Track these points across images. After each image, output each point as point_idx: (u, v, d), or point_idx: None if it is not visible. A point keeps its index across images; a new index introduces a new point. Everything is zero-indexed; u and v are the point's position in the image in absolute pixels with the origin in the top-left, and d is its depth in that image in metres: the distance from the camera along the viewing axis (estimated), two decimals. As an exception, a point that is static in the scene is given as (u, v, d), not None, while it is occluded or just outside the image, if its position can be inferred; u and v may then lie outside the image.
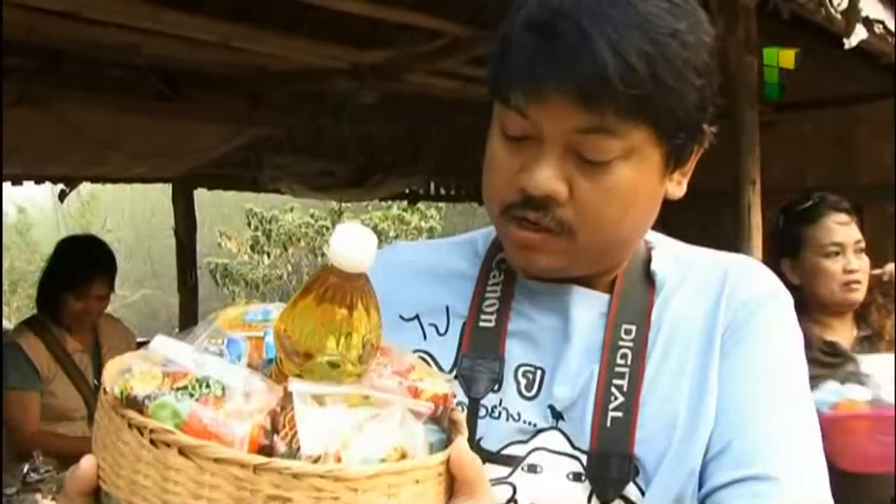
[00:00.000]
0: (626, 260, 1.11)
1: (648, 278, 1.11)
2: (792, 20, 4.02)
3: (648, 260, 1.13)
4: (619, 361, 1.05)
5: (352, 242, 0.79)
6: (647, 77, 0.93)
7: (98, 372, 3.81)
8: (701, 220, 7.17)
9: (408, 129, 7.11)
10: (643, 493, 1.00)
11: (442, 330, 1.12)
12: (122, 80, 4.99)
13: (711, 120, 1.06)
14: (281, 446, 0.74)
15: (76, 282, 3.80)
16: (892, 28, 3.69)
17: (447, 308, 1.13)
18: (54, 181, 6.73)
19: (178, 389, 0.75)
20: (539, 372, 1.07)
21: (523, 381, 1.07)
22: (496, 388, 1.06)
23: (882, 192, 6.85)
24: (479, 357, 1.08)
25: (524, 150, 1.00)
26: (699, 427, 1.01)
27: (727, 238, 3.94)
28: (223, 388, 0.75)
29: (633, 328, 1.07)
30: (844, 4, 3.19)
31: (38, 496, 2.90)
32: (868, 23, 3.37)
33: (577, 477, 1.02)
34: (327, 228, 14.88)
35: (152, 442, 0.73)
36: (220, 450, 0.72)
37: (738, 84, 3.82)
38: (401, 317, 1.13)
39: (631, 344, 1.06)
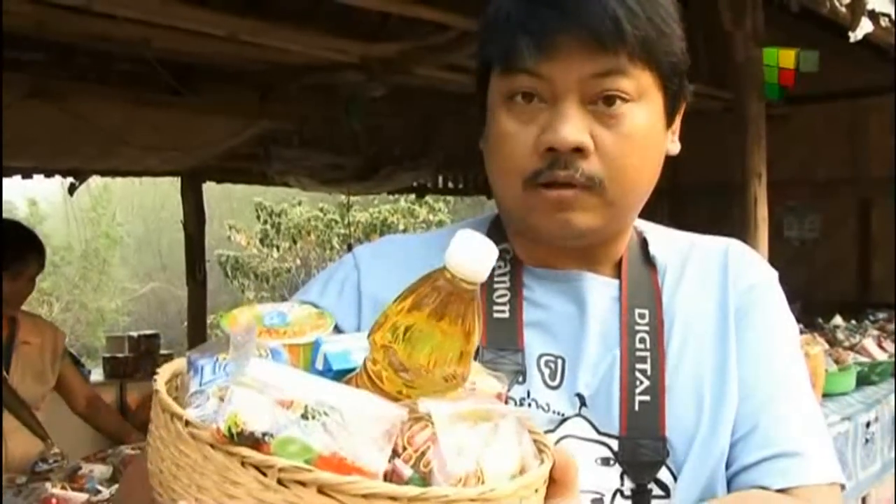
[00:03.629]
0: (628, 237, 1.14)
1: (649, 263, 1.14)
2: (800, 13, 4.02)
3: (644, 244, 1.16)
4: (639, 346, 1.07)
5: (472, 251, 0.76)
6: (645, 20, 0.99)
7: (8, 363, 3.76)
8: (708, 213, 7.17)
9: (416, 122, 7.12)
10: (674, 476, 1.03)
11: None
12: (133, 73, 5.02)
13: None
14: (405, 470, 0.69)
15: (8, 264, 3.72)
16: (898, 21, 3.68)
17: None
18: (64, 174, 6.76)
19: (301, 419, 0.67)
20: (560, 361, 1.08)
21: (546, 371, 1.08)
22: (521, 379, 1.07)
23: (891, 186, 6.84)
24: (499, 349, 1.08)
25: (538, 115, 1.01)
26: (725, 410, 1.04)
27: (734, 231, 3.95)
28: (340, 414, 0.68)
29: (647, 312, 1.10)
30: (849, -3, 3.19)
31: (48, 485, 2.92)
32: (874, 16, 3.36)
33: (605, 461, 1.04)
34: (336, 222, 14.89)
35: (280, 482, 0.65)
36: (369, 484, 0.65)
37: (744, 77, 3.81)
38: None
39: (647, 328, 1.09)
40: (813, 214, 7.24)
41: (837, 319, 5.48)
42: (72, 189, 6.87)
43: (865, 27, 3.33)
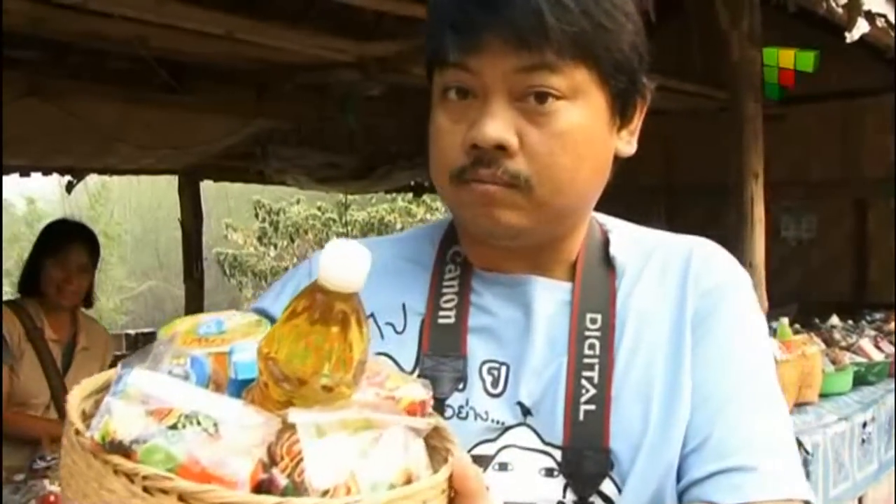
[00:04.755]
0: (583, 236, 1.10)
1: (608, 263, 1.09)
2: (797, 13, 4.02)
3: (606, 244, 1.11)
4: (588, 352, 1.03)
5: (344, 260, 0.75)
6: (579, 14, 0.95)
7: (68, 365, 3.80)
8: (705, 213, 7.18)
9: (412, 121, 7.09)
10: (619, 488, 0.98)
11: (399, 328, 1.08)
12: (129, 71, 5.01)
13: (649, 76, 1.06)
14: (281, 479, 0.70)
15: (56, 248, 3.80)
16: (894, 22, 3.67)
17: (403, 305, 1.09)
18: (62, 172, 6.76)
19: (168, 429, 0.68)
20: (504, 368, 1.05)
21: (489, 379, 1.04)
22: (461, 387, 1.03)
23: (887, 186, 6.85)
24: (441, 356, 1.05)
25: (469, 111, 0.99)
26: (675, 419, 0.99)
27: (731, 231, 3.95)
28: (214, 424, 0.69)
29: (599, 317, 1.05)
30: (846, -3, 3.19)
31: (46, 482, 2.92)
32: (870, 16, 3.36)
33: (549, 472, 1.00)
34: (334, 221, 14.89)
35: (146, 489, 0.67)
36: (226, 493, 0.67)
37: (741, 77, 3.81)
38: None
39: (598, 334, 1.04)
40: (809, 214, 7.24)
41: (834, 319, 5.48)
42: (69, 187, 6.88)
43: (862, 27, 3.33)
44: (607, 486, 0.98)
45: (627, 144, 1.07)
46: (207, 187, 7.66)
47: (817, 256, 7.24)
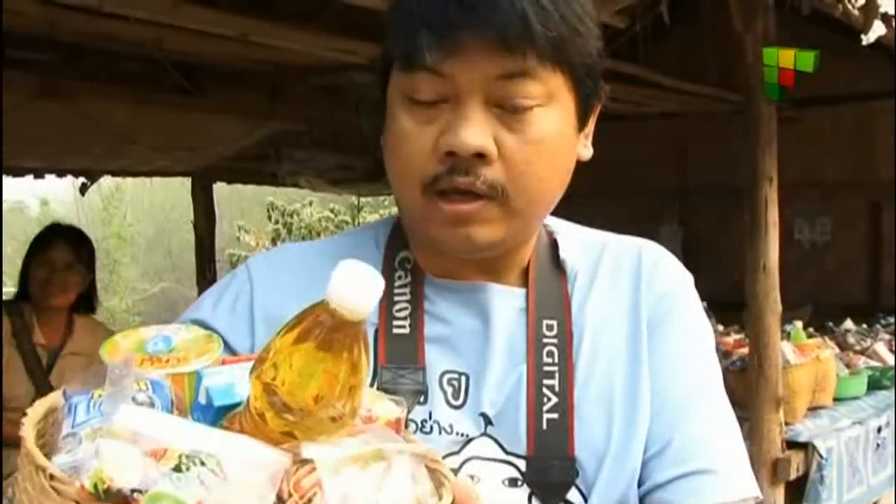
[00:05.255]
0: (534, 244, 1.08)
1: (558, 267, 1.08)
2: (810, 15, 4.00)
3: (553, 246, 1.10)
4: (547, 360, 1.02)
5: (358, 284, 0.71)
6: (558, 18, 0.93)
7: (49, 370, 3.76)
8: (718, 215, 7.17)
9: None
10: (584, 497, 0.98)
11: None
12: (142, 73, 5.03)
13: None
14: None
15: (39, 248, 3.80)
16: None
17: None
18: (75, 174, 6.79)
19: (172, 471, 0.62)
20: (463, 378, 1.02)
21: (449, 390, 1.02)
22: (422, 399, 1.00)
23: (901, 188, 6.80)
24: (399, 368, 1.01)
25: (439, 116, 0.94)
26: (637, 427, 1.00)
27: (745, 234, 3.93)
28: (218, 463, 0.64)
29: (555, 323, 1.04)
30: (862, 0, 3.17)
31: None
32: (886, 18, 3.35)
33: (513, 482, 0.99)
34: (347, 223, 14.91)
35: None
36: None
37: (755, 79, 3.79)
38: None
39: (556, 340, 1.03)
40: (823, 217, 7.21)
41: (848, 323, 5.46)
42: (83, 189, 6.91)
43: (878, 30, 3.31)
44: (573, 495, 0.98)
45: (585, 148, 1.05)
46: (220, 189, 7.67)
47: (831, 259, 7.21)
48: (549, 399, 1.00)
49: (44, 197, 17.40)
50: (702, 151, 7.17)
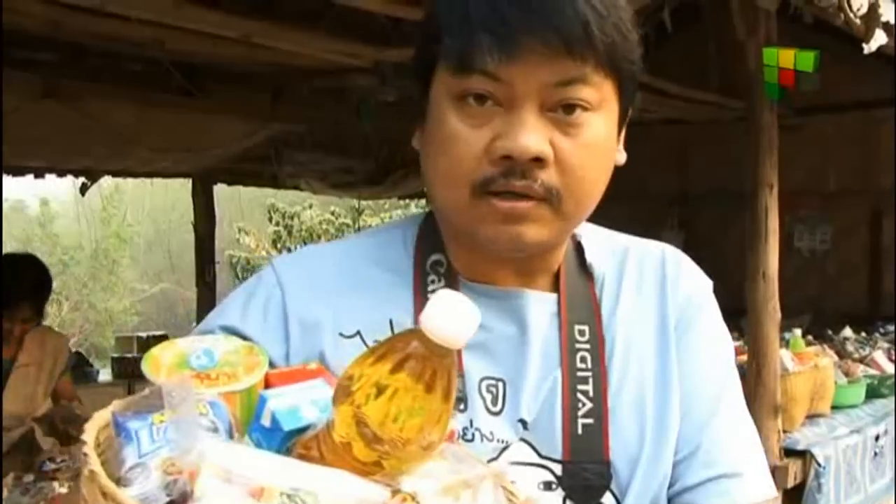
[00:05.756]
0: (566, 246, 1.08)
1: (585, 271, 1.09)
2: (814, 23, 4.01)
3: (579, 250, 1.10)
4: (580, 365, 1.03)
5: (454, 314, 0.71)
6: (612, 25, 0.93)
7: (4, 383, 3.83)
8: (718, 221, 7.17)
9: (427, 127, 7.11)
10: (617, 499, 1.00)
11: None
12: (145, 74, 5.03)
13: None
14: None
15: (2, 302, 3.84)
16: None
17: (391, 322, 1.02)
18: (76, 174, 6.79)
19: None
20: (500, 384, 1.02)
21: (488, 397, 1.02)
22: (462, 407, 0.99)
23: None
24: None
25: (492, 119, 0.93)
26: (668, 430, 1.02)
27: (745, 241, 3.93)
28: (317, 500, 0.64)
29: (586, 328, 1.05)
30: (864, 9, 3.18)
31: (55, 484, 2.93)
32: (888, 27, 3.35)
33: (548, 486, 1.00)
34: (348, 226, 14.92)
35: None
36: None
37: (757, 87, 3.79)
38: (341, 334, 1.02)
39: (588, 346, 1.04)
40: (823, 225, 7.21)
41: (847, 331, 5.46)
42: (83, 189, 6.91)
43: (880, 39, 3.31)
44: (607, 498, 1.00)
45: (620, 153, 1.05)
46: (220, 190, 7.67)
47: (831, 267, 7.21)
48: (583, 404, 1.01)
49: (43, 196, 17.40)
50: (703, 157, 7.17)
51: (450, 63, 0.94)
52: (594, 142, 0.96)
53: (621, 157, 1.05)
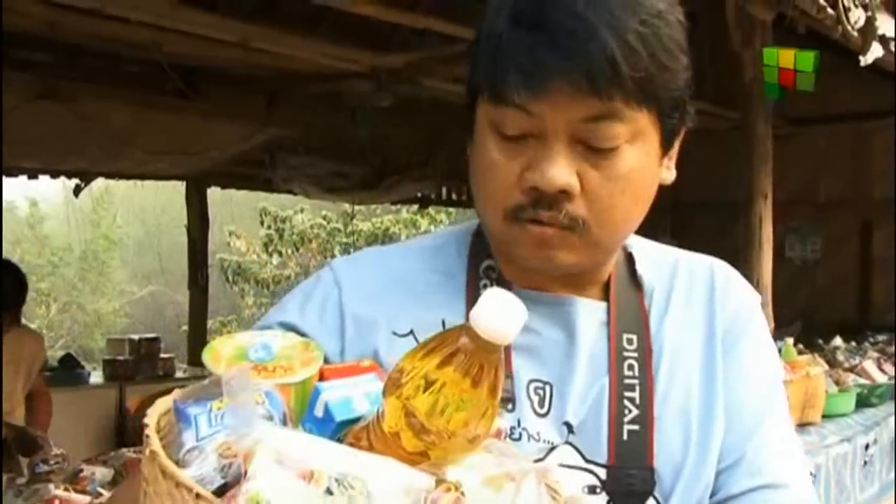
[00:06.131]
0: (616, 258, 1.10)
1: (635, 282, 1.11)
2: (808, 35, 4.04)
3: (630, 261, 1.12)
4: (627, 373, 1.05)
5: (502, 311, 0.73)
6: (647, 58, 0.92)
7: None
8: (711, 231, 7.18)
9: (422, 132, 7.13)
10: None
11: None
12: (141, 76, 5.04)
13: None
14: None
15: None
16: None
17: (443, 322, 1.04)
18: (70, 175, 6.77)
19: (324, 494, 0.64)
20: (547, 387, 1.04)
21: (535, 399, 1.04)
22: (511, 407, 1.01)
23: (893, 208, 6.86)
24: None
25: (525, 149, 0.96)
26: (712, 439, 1.03)
27: (737, 250, 3.95)
28: (365, 485, 0.66)
29: (635, 337, 1.07)
30: (861, 22, 3.21)
31: (51, 486, 2.92)
32: (884, 40, 3.38)
33: (592, 490, 1.01)
34: (339, 230, 14.92)
35: None
36: None
37: (752, 97, 3.82)
38: (394, 333, 1.05)
39: (636, 354, 1.06)
40: (814, 235, 7.26)
41: (837, 340, 5.49)
42: (77, 190, 6.89)
43: (876, 51, 3.35)
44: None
45: (668, 171, 1.06)
46: (211, 193, 7.66)
47: (822, 277, 7.26)
48: (630, 411, 1.03)
49: (33, 198, 17.36)
50: (696, 166, 7.17)
51: (486, 92, 0.97)
52: (626, 173, 0.96)
53: (669, 176, 1.06)
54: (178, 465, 0.71)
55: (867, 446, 4.49)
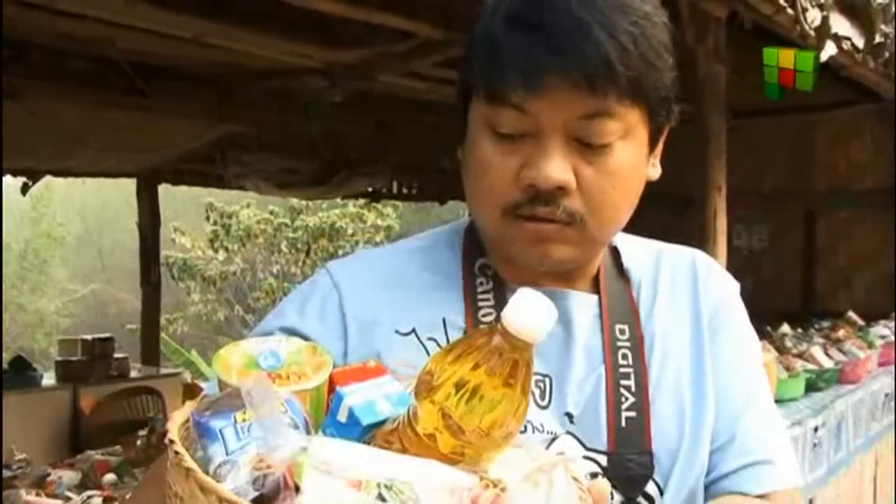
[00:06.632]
0: (603, 252, 1.14)
1: (622, 274, 1.15)
2: (756, 31, 4.13)
3: (615, 255, 1.16)
4: (622, 362, 1.09)
5: (531, 310, 0.75)
6: (637, 57, 0.96)
7: None
8: (664, 224, 7.26)
9: (372, 128, 7.13)
10: (660, 489, 1.06)
11: (442, 344, 1.06)
12: (92, 73, 4.96)
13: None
14: None
15: None
16: (860, 45, 3.81)
17: (444, 320, 1.08)
18: (17, 174, 6.63)
19: (378, 500, 0.65)
20: (547, 380, 1.07)
21: (537, 391, 1.06)
22: None
23: (835, 199, 7.06)
24: None
25: (521, 148, 0.99)
26: (705, 421, 1.08)
27: (691, 242, 4.03)
28: (412, 489, 0.67)
29: (626, 327, 1.11)
30: (818, 22, 3.30)
31: (22, 492, 2.88)
32: (837, 39, 3.48)
33: (594, 476, 1.04)
34: (286, 225, 14.80)
35: None
36: None
37: (706, 92, 3.90)
38: (397, 332, 1.08)
39: (628, 344, 1.10)
40: (760, 225, 7.43)
41: (785, 327, 5.63)
42: (24, 189, 6.76)
43: (830, 49, 3.45)
44: (650, 487, 1.06)
45: (653, 168, 1.11)
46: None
47: (768, 266, 7.42)
48: (626, 399, 1.07)
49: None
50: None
51: (482, 92, 1.00)
52: (618, 168, 1.00)
53: (654, 173, 1.10)
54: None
55: (816, 429, 4.62)
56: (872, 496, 5.41)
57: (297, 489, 0.66)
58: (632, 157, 1.02)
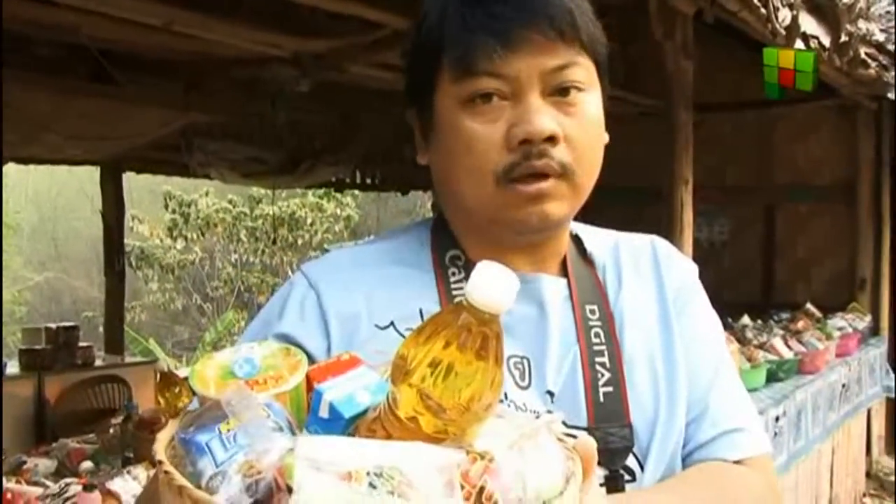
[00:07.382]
0: (568, 234, 1.20)
1: (586, 259, 1.21)
2: (719, 28, 4.21)
3: (577, 241, 1.22)
4: (595, 340, 1.14)
5: (494, 282, 0.76)
6: (587, 15, 1.07)
7: None
8: (628, 216, 7.36)
9: (337, 117, 7.13)
10: (638, 460, 1.10)
11: None
12: (60, 60, 4.90)
13: None
14: None
15: None
16: (826, 44, 3.89)
17: (420, 311, 1.11)
18: (-23, 161, 6.53)
19: (369, 490, 0.66)
20: (525, 362, 1.11)
21: (516, 373, 1.10)
22: None
23: (794, 192, 7.19)
24: None
25: (501, 113, 1.04)
26: (678, 394, 1.14)
27: (658, 234, 4.10)
28: (401, 472, 0.67)
29: (596, 307, 1.16)
30: (788, 21, 3.37)
31: (2, 479, 2.87)
32: (805, 37, 3.56)
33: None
34: (245, 214, 14.71)
35: None
36: None
37: (674, 87, 3.96)
38: (376, 325, 1.10)
39: (599, 323, 1.15)
40: (722, 218, 7.54)
41: (745, 319, 5.74)
42: (-17, 176, 6.65)
43: (799, 47, 3.53)
44: (630, 461, 1.11)
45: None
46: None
47: (729, 258, 7.54)
48: (602, 375, 1.12)
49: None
50: (607, 152, 7.38)
51: (455, 71, 1.05)
52: (590, 118, 1.07)
53: (605, 136, 1.16)
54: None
55: (777, 418, 4.72)
56: (829, 483, 5.55)
57: (290, 490, 0.67)
58: (597, 109, 1.10)
